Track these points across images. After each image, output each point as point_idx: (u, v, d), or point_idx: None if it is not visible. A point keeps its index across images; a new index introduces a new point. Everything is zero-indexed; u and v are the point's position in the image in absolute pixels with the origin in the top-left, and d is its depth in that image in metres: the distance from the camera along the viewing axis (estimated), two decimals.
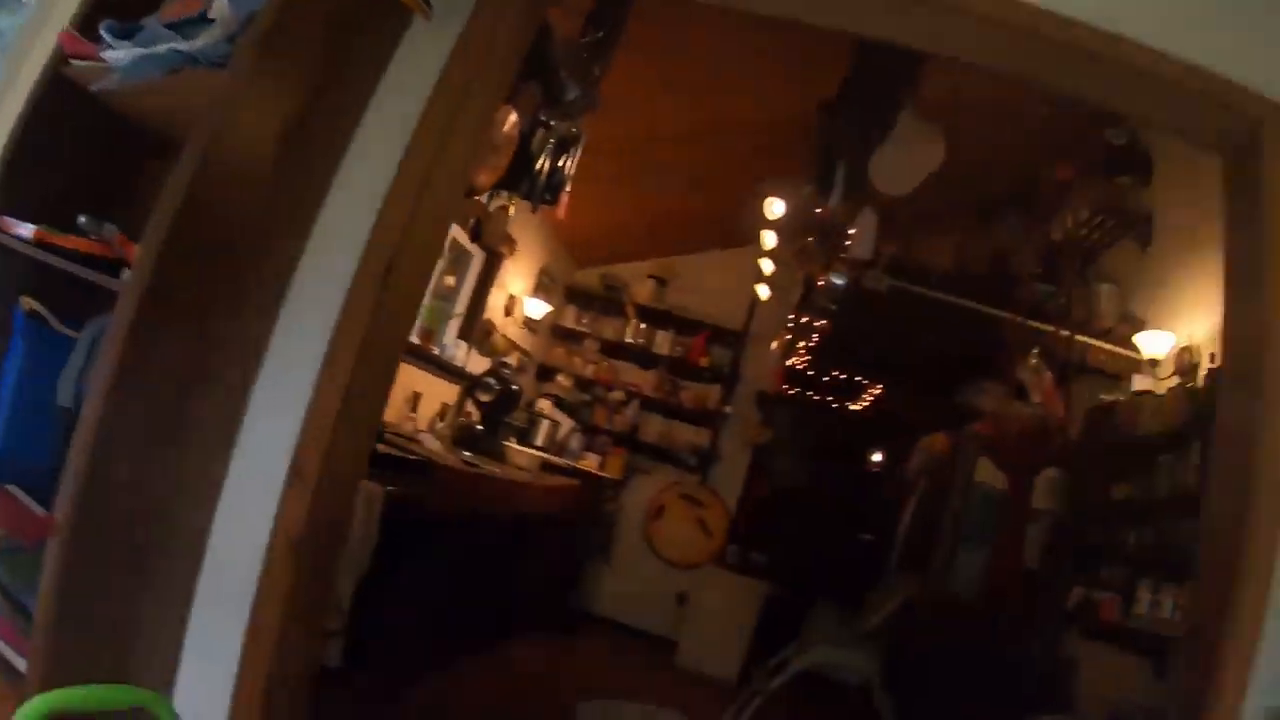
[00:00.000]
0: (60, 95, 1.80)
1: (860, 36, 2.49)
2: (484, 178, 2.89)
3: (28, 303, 1.75)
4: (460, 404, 4.68)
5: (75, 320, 1.78)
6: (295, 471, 1.68)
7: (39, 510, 1.64)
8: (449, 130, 1.83)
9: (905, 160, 4.34)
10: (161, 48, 1.59)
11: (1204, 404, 3.07)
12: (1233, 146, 1.96)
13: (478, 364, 4.92)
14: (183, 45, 1.59)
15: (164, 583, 1.67)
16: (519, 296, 5.65)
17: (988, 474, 4.60)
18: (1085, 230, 4.55)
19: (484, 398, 4.53)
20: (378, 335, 1.79)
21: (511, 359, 5.40)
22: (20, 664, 1.47)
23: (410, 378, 4.34)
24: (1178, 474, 3.19)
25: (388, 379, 1.99)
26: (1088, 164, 4.41)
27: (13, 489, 1.69)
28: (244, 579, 1.66)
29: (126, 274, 1.53)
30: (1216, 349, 2.99)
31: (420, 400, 4.42)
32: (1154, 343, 3.79)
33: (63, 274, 1.61)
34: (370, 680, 2.96)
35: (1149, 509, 3.40)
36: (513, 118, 2.83)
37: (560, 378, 6.52)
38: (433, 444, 3.76)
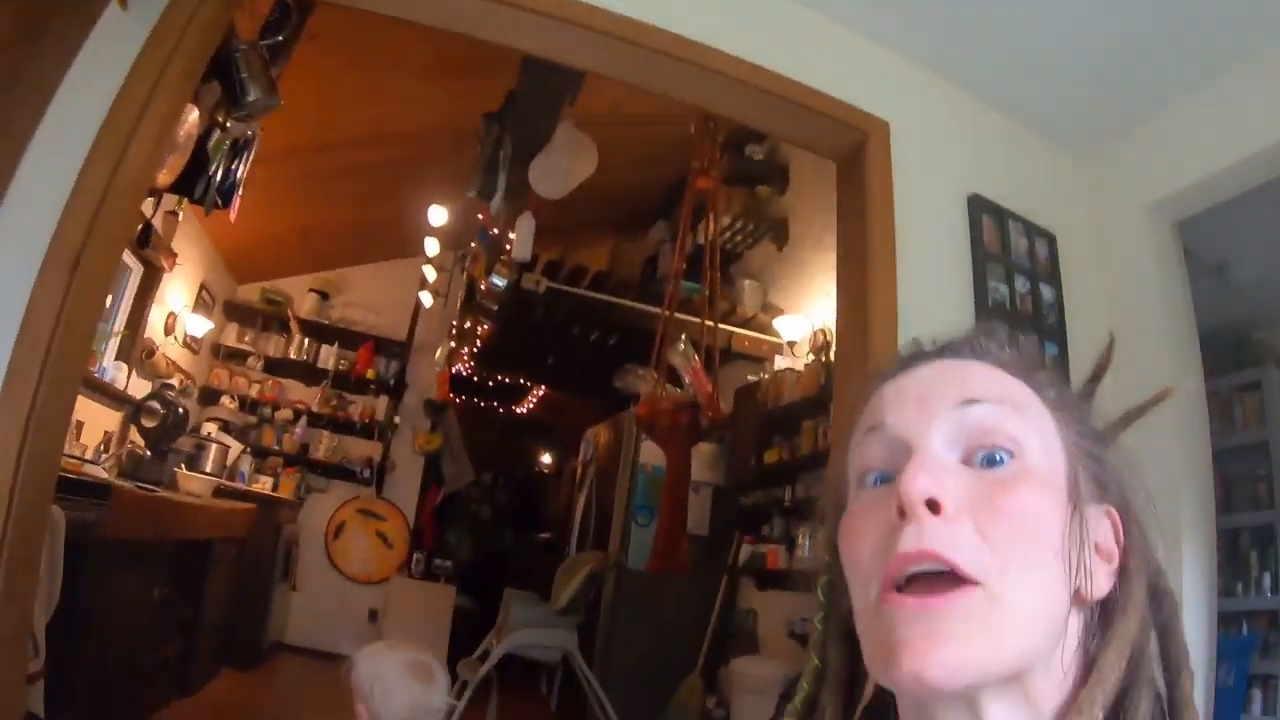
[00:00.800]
0: None
1: (526, 54, 2.64)
2: (163, 177, 2.69)
3: None
4: (124, 431, 4.20)
5: None
6: None
7: None
8: (139, 122, 1.74)
9: (561, 167, 4.62)
10: None
11: (836, 374, 3.67)
12: (845, 154, 2.46)
13: (139, 387, 4.45)
14: None
15: None
16: (179, 313, 5.16)
17: (650, 454, 5.01)
18: (729, 234, 5.17)
19: (148, 423, 4.09)
20: (64, 343, 1.63)
21: (174, 381, 4.94)
22: None
23: None
24: (818, 434, 3.79)
25: (74, 386, 1.83)
26: (731, 174, 4.99)
27: None
28: None
29: None
30: None
31: (82, 430, 3.92)
32: (791, 327, 4.42)
33: None
34: None
35: (797, 467, 3.98)
36: (194, 116, 2.67)
37: (225, 400, 6.01)
38: (102, 475, 3.37)
